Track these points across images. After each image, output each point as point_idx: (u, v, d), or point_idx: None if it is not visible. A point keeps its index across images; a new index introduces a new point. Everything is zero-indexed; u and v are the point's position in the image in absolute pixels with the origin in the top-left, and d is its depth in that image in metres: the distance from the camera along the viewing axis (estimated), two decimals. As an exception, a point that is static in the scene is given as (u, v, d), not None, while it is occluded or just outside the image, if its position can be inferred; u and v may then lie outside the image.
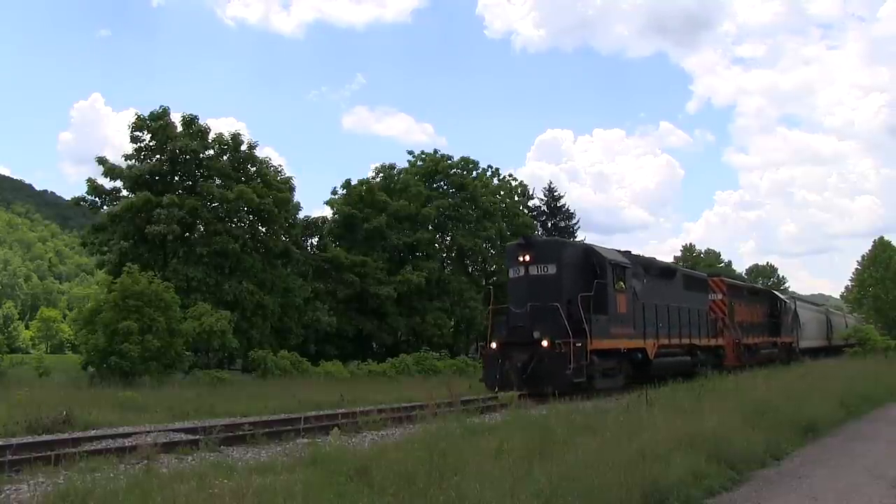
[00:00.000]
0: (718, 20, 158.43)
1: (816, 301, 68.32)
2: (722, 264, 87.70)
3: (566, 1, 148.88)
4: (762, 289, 41.69)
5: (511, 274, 19.48)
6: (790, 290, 79.58)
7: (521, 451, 7.71)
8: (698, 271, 30.60)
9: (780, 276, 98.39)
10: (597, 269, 18.93)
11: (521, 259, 18.63)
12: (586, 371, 17.25)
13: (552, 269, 18.30)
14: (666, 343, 22.04)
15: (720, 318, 28.44)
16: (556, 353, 16.79)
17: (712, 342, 26.55)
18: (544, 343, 16.93)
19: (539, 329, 17.35)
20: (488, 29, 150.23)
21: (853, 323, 62.56)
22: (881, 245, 67.63)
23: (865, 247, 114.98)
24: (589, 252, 19.64)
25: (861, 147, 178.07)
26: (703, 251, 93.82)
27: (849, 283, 72.18)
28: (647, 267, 22.58)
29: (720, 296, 29.47)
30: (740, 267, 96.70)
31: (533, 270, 18.44)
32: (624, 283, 19.66)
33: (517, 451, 7.69)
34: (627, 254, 21.76)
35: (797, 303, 43.82)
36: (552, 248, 19.54)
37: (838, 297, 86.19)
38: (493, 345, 18.04)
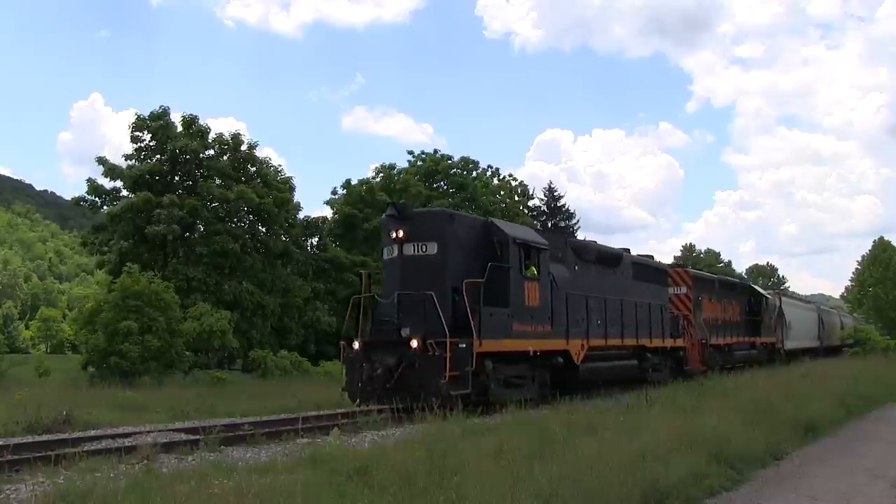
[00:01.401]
0: (717, 20, 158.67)
1: (817, 300, 67.98)
2: (722, 264, 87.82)
3: (565, 1, 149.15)
4: (739, 283, 36.58)
5: (385, 255, 15.29)
6: (791, 290, 79.60)
7: (521, 452, 7.71)
8: (660, 262, 25.87)
9: (781, 276, 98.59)
10: (497, 249, 14.65)
11: (393, 235, 14.39)
12: (474, 379, 13.34)
13: (433, 249, 14.04)
14: (601, 344, 18.04)
15: (683, 315, 24.97)
16: (430, 356, 12.86)
17: (669, 343, 22.61)
18: (413, 343, 12.98)
19: (409, 325, 13.56)
20: (487, 29, 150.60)
21: (850, 322, 61.40)
22: (881, 245, 67.61)
23: (865, 247, 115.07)
24: (489, 228, 15.17)
25: (860, 147, 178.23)
26: (703, 251, 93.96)
27: (849, 283, 72.17)
28: (581, 251, 18.65)
29: (684, 289, 25.97)
30: (740, 267, 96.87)
31: (408, 250, 14.21)
32: (538, 269, 15.44)
33: (517, 451, 7.69)
34: (555, 233, 18.73)
35: (782, 299, 39.53)
36: (434, 221, 14.74)
37: (838, 298, 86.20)
38: (356, 345, 14.11)
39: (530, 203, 51.06)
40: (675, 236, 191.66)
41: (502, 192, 47.98)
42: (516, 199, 49.16)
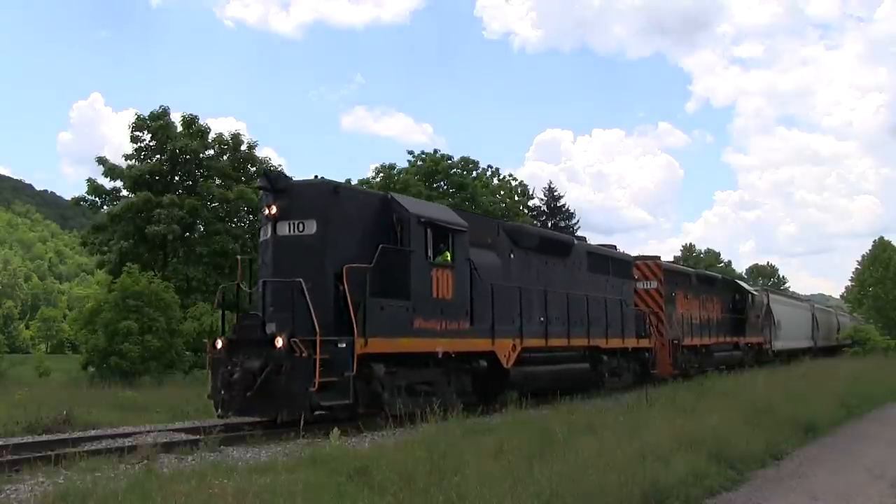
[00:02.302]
0: (717, 21, 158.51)
1: (817, 300, 67.72)
2: (721, 264, 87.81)
3: (564, 1, 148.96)
4: (720, 278, 33.25)
5: (260, 236, 12.87)
6: (791, 290, 79.57)
7: (522, 451, 7.71)
8: (624, 252, 23.09)
9: (781, 276, 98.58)
10: (397, 229, 12.29)
11: (266, 212, 12.02)
12: (357, 387, 11.08)
13: (311, 228, 11.63)
14: (539, 345, 15.59)
15: (653, 312, 22.67)
16: (297, 357, 10.51)
17: (631, 343, 20.09)
18: (278, 342, 10.64)
19: (276, 320, 11.28)
20: (487, 30, 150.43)
21: (848, 322, 60.39)
22: (881, 245, 67.60)
23: (865, 247, 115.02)
24: (387, 204, 12.64)
25: (860, 147, 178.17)
26: (703, 251, 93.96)
27: (849, 283, 72.16)
28: (518, 236, 16.05)
29: (654, 284, 23.53)
30: (740, 267, 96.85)
31: (282, 229, 11.76)
32: (452, 255, 13.09)
33: (517, 451, 7.70)
34: (483, 216, 15.56)
35: (770, 296, 36.71)
36: (313, 194, 12.04)
37: (838, 297, 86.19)
38: (219, 344, 11.56)
39: (530, 203, 51.08)
40: (674, 236, 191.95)
41: (502, 192, 47.98)
42: (516, 199, 49.15)
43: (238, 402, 10.74)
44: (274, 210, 11.81)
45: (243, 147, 34.40)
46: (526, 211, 48.87)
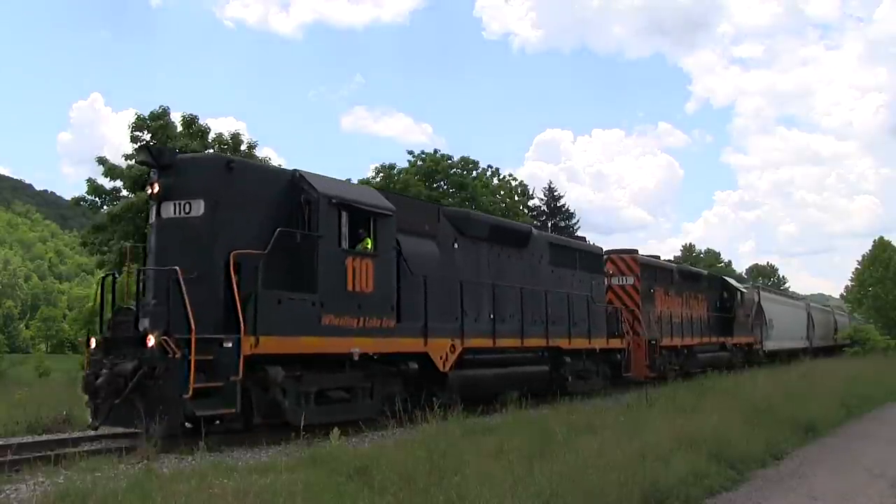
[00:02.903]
0: (716, 21, 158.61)
1: (816, 300, 67.55)
2: (721, 264, 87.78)
3: (564, 2, 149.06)
4: (706, 274, 31.18)
5: (149, 218, 11.08)
6: (791, 290, 79.55)
7: (522, 451, 7.71)
8: (593, 245, 21.54)
9: (781, 276, 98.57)
10: (304, 211, 10.80)
11: (149, 190, 10.59)
12: (253, 394, 9.80)
13: (198, 209, 10.04)
14: (486, 345, 14.12)
15: (628, 309, 21.14)
16: (171, 359, 9.12)
17: (599, 343, 18.36)
18: (150, 341, 9.20)
19: (152, 315, 9.83)
20: (486, 30, 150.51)
21: (847, 321, 59.74)
22: (881, 245, 67.60)
23: (864, 246, 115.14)
24: (295, 183, 11.00)
25: (860, 147, 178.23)
26: (702, 251, 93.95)
27: (849, 283, 72.16)
28: (463, 224, 14.48)
29: (630, 279, 22.06)
30: (740, 267, 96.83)
31: (167, 210, 10.22)
32: (374, 242, 11.63)
33: (517, 450, 7.70)
34: (421, 200, 13.37)
35: (761, 294, 35.07)
36: (202, 170, 10.56)
37: (838, 297, 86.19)
38: (93, 343, 10.18)
39: (530, 203, 51.09)
40: (674, 236, 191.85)
41: (502, 192, 47.98)
42: (516, 199, 49.16)
43: (106, 411, 9.27)
44: (157, 188, 10.29)
45: (243, 147, 34.34)
46: (526, 211, 48.89)
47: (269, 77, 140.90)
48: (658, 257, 25.24)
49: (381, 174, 45.19)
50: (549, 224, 49.84)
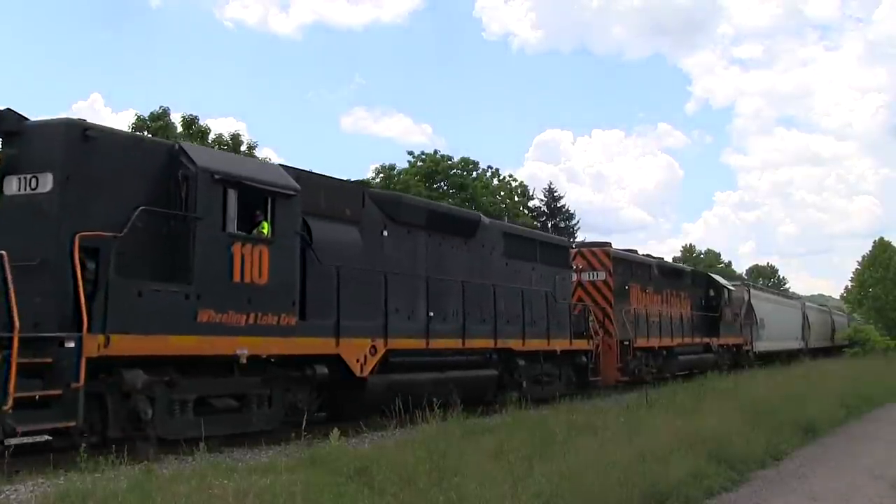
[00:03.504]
0: (716, 22, 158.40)
1: (816, 300, 67.39)
2: (722, 265, 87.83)
3: (564, 2, 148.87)
4: (690, 270, 29.21)
5: None
6: (791, 290, 79.52)
7: (522, 452, 7.71)
8: (557, 237, 20.08)
9: (781, 276, 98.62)
10: (182, 187, 9.22)
11: None
12: (111, 402, 8.40)
13: (46, 184, 8.50)
14: (417, 346, 12.54)
15: (599, 307, 19.65)
16: None
17: (560, 344, 16.59)
18: None
19: None
20: (486, 31, 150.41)
21: (845, 322, 58.90)
22: (881, 246, 67.64)
23: (864, 247, 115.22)
24: (173, 157, 9.35)
25: (859, 148, 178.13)
26: (703, 252, 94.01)
27: (849, 284, 72.20)
28: (393, 209, 12.86)
29: (602, 275, 20.31)
30: (740, 268, 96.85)
31: (11, 185, 8.72)
32: (272, 226, 10.07)
33: (517, 451, 7.70)
34: (333, 180, 11.90)
35: (752, 292, 33.48)
36: (52, 139, 8.74)
37: (838, 298, 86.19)
38: None
39: (530, 204, 51.13)
40: (674, 237, 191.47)
41: (502, 193, 48.02)
42: (516, 199, 49.19)
43: None
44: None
45: (243, 147, 34.45)
46: (526, 211, 48.94)
47: (268, 77, 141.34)
48: (635, 251, 23.86)
49: (381, 175, 45.26)
50: (550, 225, 49.89)
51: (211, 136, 33.87)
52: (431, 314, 13.00)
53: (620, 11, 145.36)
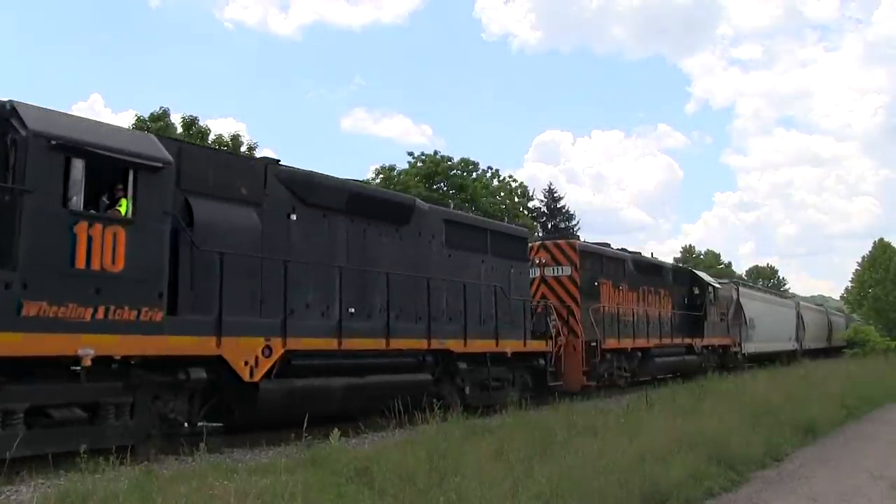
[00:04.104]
0: (716, 22, 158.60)
1: (816, 301, 67.28)
2: (722, 265, 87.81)
3: (563, 3, 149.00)
4: (670, 266, 26.79)
5: None
6: (790, 291, 79.52)
7: (522, 452, 7.71)
8: (513, 226, 18.59)
9: (781, 277, 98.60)
10: (11, 154, 7.90)
11: None
12: None
13: None
14: (326, 347, 10.85)
15: (564, 305, 18.08)
16: None
17: (513, 346, 14.91)
18: None
19: None
20: (485, 32, 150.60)
21: (843, 322, 57.89)
22: (881, 246, 67.64)
23: (864, 248, 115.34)
24: (7, 118, 7.94)
25: (859, 148, 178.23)
26: (702, 252, 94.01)
27: (849, 285, 72.19)
28: (304, 189, 11.22)
29: (567, 270, 18.67)
30: (740, 268, 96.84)
31: None
32: (134, 203, 8.59)
33: (517, 452, 7.70)
34: (226, 154, 10.25)
35: (740, 290, 31.99)
36: None
37: (838, 299, 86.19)
38: None
39: (530, 204, 51.12)
40: (674, 237, 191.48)
41: (502, 194, 48.01)
42: (516, 200, 49.18)
43: None
44: None
45: (243, 148, 34.47)
46: (526, 212, 48.93)
47: (268, 78, 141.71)
48: (608, 244, 22.39)
49: (381, 175, 45.26)
50: (550, 225, 49.89)
51: (211, 137, 33.88)
52: (352, 310, 11.48)
53: (620, 12, 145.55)
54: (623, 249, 23.09)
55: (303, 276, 10.84)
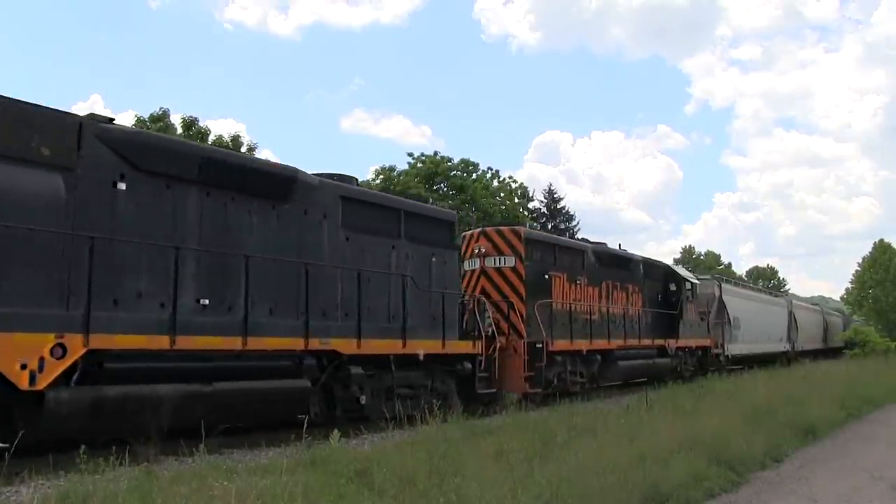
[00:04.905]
0: (715, 23, 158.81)
1: (816, 301, 67.09)
2: (721, 266, 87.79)
3: (563, 4, 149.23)
4: (642, 260, 23.42)
5: None
6: (790, 291, 79.50)
7: (522, 453, 7.72)
8: (436, 206, 17.28)
9: (781, 277, 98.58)
10: None
11: None
12: None
13: None
14: (155, 346, 8.78)
15: (507, 300, 16.06)
16: None
17: (426, 347, 12.65)
18: None
19: None
20: (485, 32, 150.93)
21: (839, 322, 56.41)
22: (881, 247, 67.71)
23: (864, 248, 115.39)
24: None
25: (858, 149, 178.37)
26: (703, 253, 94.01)
27: (849, 285, 72.23)
28: (137, 152, 9.20)
29: (511, 260, 16.48)
30: (740, 269, 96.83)
31: None
32: None
33: (517, 452, 7.70)
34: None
35: (723, 287, 29.96)
36: None
37: (838, 300, 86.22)
38: None
39: (530, 205, 51.13)
40: (674, 238, 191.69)
41: (502, 194, 48.02)
42: (516, 201, 49.19)
43: None
44: None
45: (243, 149, 34.49)
46: (526, 213, 48.94)
47: (268, 79, 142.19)
48: (566, 233, 21.34)
49: (381, 176, 45.28)
50: (550, 226, 49.89)
51: (211, 137, 33.90)
52: (205, 302, 9.58)
53: (619, 13, 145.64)
54: (584, 239, 21.50)
55: (133, 259, 8.85)
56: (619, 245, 22.75)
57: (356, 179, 13.15)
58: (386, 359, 11.98)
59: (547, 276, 17.41)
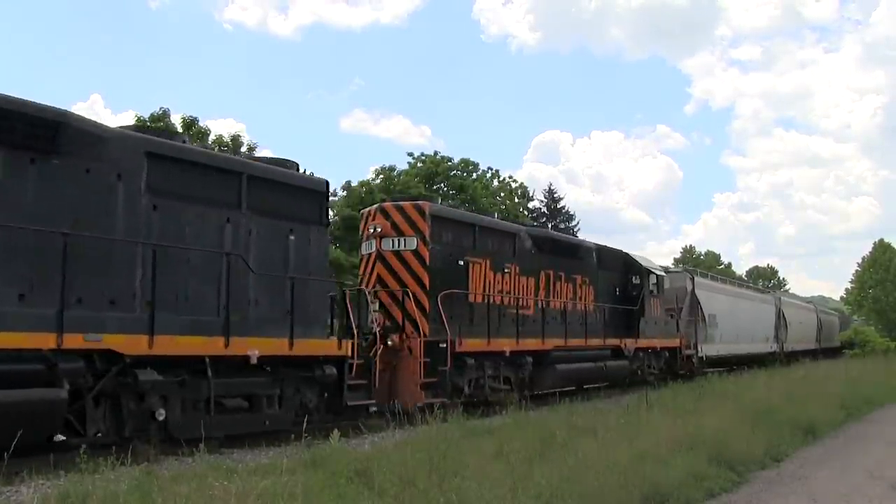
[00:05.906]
0: (715, 23, 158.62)
1: (816, 301, 66.79)
2: (721, 266, 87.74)
3: (562, 4, 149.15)
4: (595, 247, 20.12)
5: None
6: (790, 291, 79.47)
7: (522, 453, 7.72)
8: (295, 173, 11.82)
9: (781, 277, 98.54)
10: None
11: None
12: None
13: None
14: None
15: (406, 290, 13.44)
16: None
17: (260, 347, 9.89)
18: None
19: None
20: (484, 33, 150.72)
21: (835, 321, 54.41)
22: (881, 247, 67.71)
23: (863, 248, 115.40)
24: None
25: (858, 149, 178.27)
26: (703, 253, 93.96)
27: (849, 285, 72.24)
28: None
29: (413, 242, 13.67)
30: (741, 269, 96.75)
31: None
32: None
33: (517, 452, 7.70)
34: None
35: (697, 281, 26.56)
36: None
37: (838, 300, 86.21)
38: None
39: (530, 205, 51.13)
40: (674, 238, 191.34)
41: (502, 194, 48.03)
42: (516, 200, 49.20)
43: None
44: None
45: (243, 149, 34.46)
46: (526, 213, 48.94)
47: (268, 79, 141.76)
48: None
49: (381, 176, 45.26)
50: (550, 226, 49.87)
51: (211, 137, 33.90)
52: None
53: (619, 13, 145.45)
54: (517, 220, 18.13)
55: None
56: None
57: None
58: (200, 361, 9.33)
59: (462, 263, 14.49)
